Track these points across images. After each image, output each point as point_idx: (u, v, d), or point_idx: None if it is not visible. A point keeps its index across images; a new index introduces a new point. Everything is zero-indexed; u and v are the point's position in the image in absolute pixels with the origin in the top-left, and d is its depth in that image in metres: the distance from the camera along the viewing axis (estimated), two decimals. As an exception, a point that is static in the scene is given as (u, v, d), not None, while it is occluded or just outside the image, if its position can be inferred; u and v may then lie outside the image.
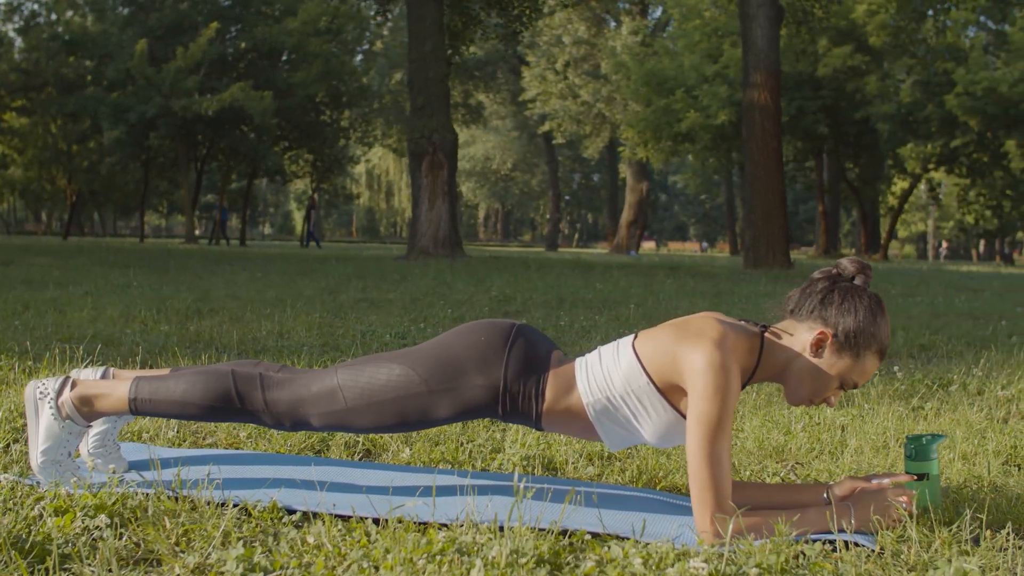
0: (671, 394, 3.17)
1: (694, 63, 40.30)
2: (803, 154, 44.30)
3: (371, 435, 4.25)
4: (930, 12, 39.79)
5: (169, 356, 6.35)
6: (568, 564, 2.69)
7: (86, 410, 3.38)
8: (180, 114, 38.27)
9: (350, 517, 3.07)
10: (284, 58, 43.75)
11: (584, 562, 2.67)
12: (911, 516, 3.12)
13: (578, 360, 3.36)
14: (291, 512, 3.10)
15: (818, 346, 3.19)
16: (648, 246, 75.66)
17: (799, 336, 3.23)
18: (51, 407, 3.35)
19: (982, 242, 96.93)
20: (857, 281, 3.27)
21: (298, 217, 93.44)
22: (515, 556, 2.63)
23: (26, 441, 3.93)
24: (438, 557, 2.64)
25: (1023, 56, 36.80)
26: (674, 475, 3.91)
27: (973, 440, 4.52)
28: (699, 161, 44.73)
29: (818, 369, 3.20)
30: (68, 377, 3.44)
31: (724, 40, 40.41)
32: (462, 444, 4.20)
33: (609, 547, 2.79)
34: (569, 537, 2.90)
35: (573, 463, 4.00)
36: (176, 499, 3.08)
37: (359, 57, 52.36)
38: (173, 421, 4.40)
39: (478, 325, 3.41)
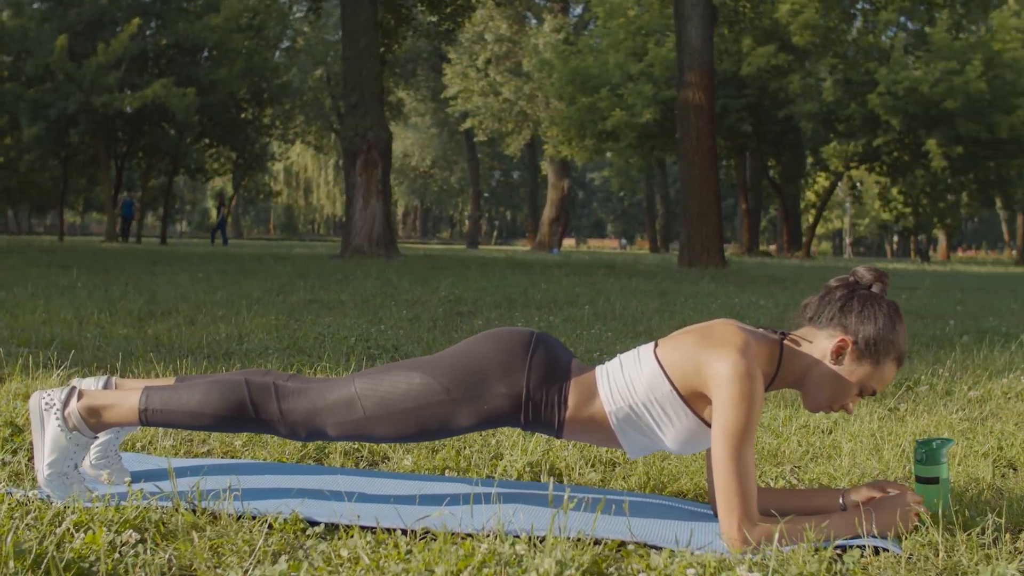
0: (694, 402, 3.18)
1: (619, 61, 40.43)
2: (727, 152, 44.57)
3: (374, 444, 4.21)
4: (856, 13, 40.20)
5: (137, 361, 6.26)
6: (610, 574, 2.68)
7: (93, 421, 3.30)
8: (101, 111, 37.79)
9: (374, 528, 3.03)
10: (205, 55, 43.34)
11: (630, 574, 2.68)
12: (934, 520, 3.17)
13: (598, 368, 3.35)
14: (313, 524, 3.06)
15: (838, 353, 3.22)
16: (568, 243, 75.89)
17: (819, 343, 3.26)
18: (57, 418, 3.27)
19: (896, 239, 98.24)
20: (875, 289, 3.30)
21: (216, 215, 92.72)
22: (561, 567, 2.63)
23: (20, 451, 3.86)
24: (484, 569, 2.62)
25: (944, 57, 37.33)
26: (679, 480, 3.92)
27: (960, 442, 4.58)
28: (623, 159, 44.88)
29: (838, 376, 3.23)
30: (74, 387, 3.37)
31: (649, 39, 40.61)
32: (458, 451, 4.16)
33: (650, 556, 2.80)
34: (603, 547, 2.89)
35: (577, 469, 4.00)
36: (194, 512, 3.03)
37: (278, 54, 51.97)
38: (168, 431, 4.34)
39: (498, 333, 3.40)
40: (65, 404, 3.29)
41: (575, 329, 8.90)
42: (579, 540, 2.87)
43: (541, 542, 2.86)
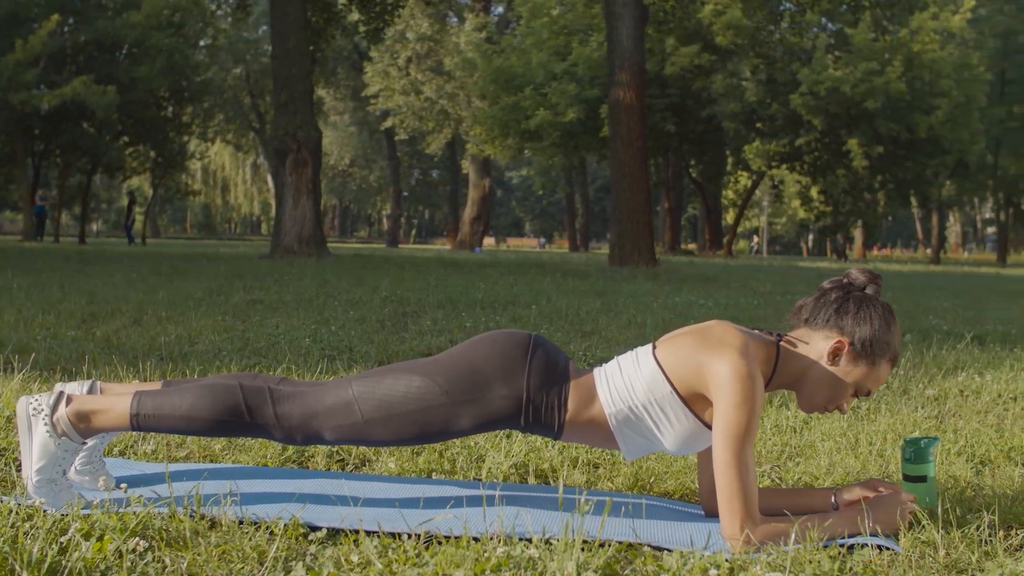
0: (694, 403, 3.21)
1: (542, 61, 40.48)
2: (651, 151, 44.79)
3: (356, 447, 4.18)
4: (782, 13, 40.55)
5: (93, 363, 6.19)
6: (625, 576, 2.66)
7: (83, 426, 3.26)
8: (18, 108, 37.26)
9: (376, 532, 3.00)
10: (125, 52, 42.86)
11: (646, 575, 2.69)
12: (930, 518, 3.21)
13: (596, 370, 3.37)
14: (314, 529, 3.02)
15: (835, 354, 3.26)
16: (488, 242, 75.95)
17: (815, 345, 3.29)
18: (46, 424, 3.22)
19: (811, 237, 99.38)
20: (869, 291, 3.34)
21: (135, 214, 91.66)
22: (580, 570, 2.64)
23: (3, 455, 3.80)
24: (503, 572, 2.62)
25: (864, 57, 37.74)
26: (664, 481, 3.94)
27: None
28: (546, 158, 44.97)
29: (835, 377, 3.27)
30: (62, 392, 3.31)
31: (573, 38, 40.70)
32: (441, 453, 4.16)
33: (661, 558, 2.81)
34: (611, 549, 2.85)
35: (564, 471, 4.01)
36: (192, 517, 2.99)
37: (196, 51, 51.54)
38: (146, 436, 4.30)
39: (496, 335, 3.40)
40: (53, 409, 3.24)
41: (523, 329, 8.89)
42: (585, 542, 2.87)
43: (547, 544, 2.86)
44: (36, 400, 3.27)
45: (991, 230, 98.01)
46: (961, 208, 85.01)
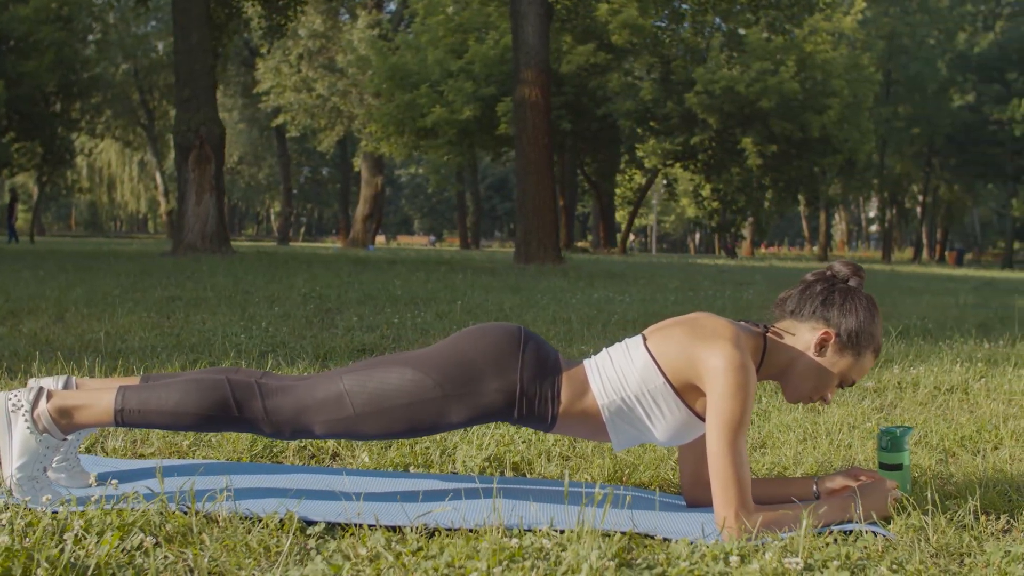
0: (686, 394, 3.24)
1: (438, 58, 40.43)
2: (550, 149, 44.90)
3: (320, 441, 4.17)
4: (684, 13, 40.89)
5: (29, 360, 6.09)
6: (639, 565, 2.70)
7: (65, 422, 3.20)
8: (-97, 103, 36.61)
9: (373, 525, 3.00)
10: (11, 45, 42.14)
11: (658, 563, 2.71)
12: (915, 505, 3.29)
13: (587, 362, 3.39)
14: (309, 523, 3.01)
15: (821, 345, 3.31)
16: (379, 240, 75.65)
17: (801, 336, 3.34)
18: (26, 420, 3.17)
19: (698, 235, 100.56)
20: (852, 283, 3.40)
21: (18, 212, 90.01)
22: (599, 557, 2.65)
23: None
24: (524, 560, 2.63)
25: (759, 57, 38.24)
26: (638, 470, 3.98)
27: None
28: (441, 156, 44.92)
29: (821, 367, 3.32)
30: (42, 388, 3.24)
31: (469, 35, 40.69)
32: (411, 447, 4.15)
33: (668, 547, 2.84)
34: (621, 538, 2.89)
35: (540, 463, 4.03)
36: (186, 513, 2.96)
37: (85, 46, 50.79)
38: (115, 430, 4.26)
39: (487, 328, 3.40)
40: (34, 405, 3.18)
41: (449, 325, 8.90)
42: (588, 532, 2.85)
43: (560, 534, 2.90)
44: (15, 396, 3.20)
45: (875, 228, 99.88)
46: (847, 206, 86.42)
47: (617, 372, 3.29)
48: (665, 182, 54.02)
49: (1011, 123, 52.39)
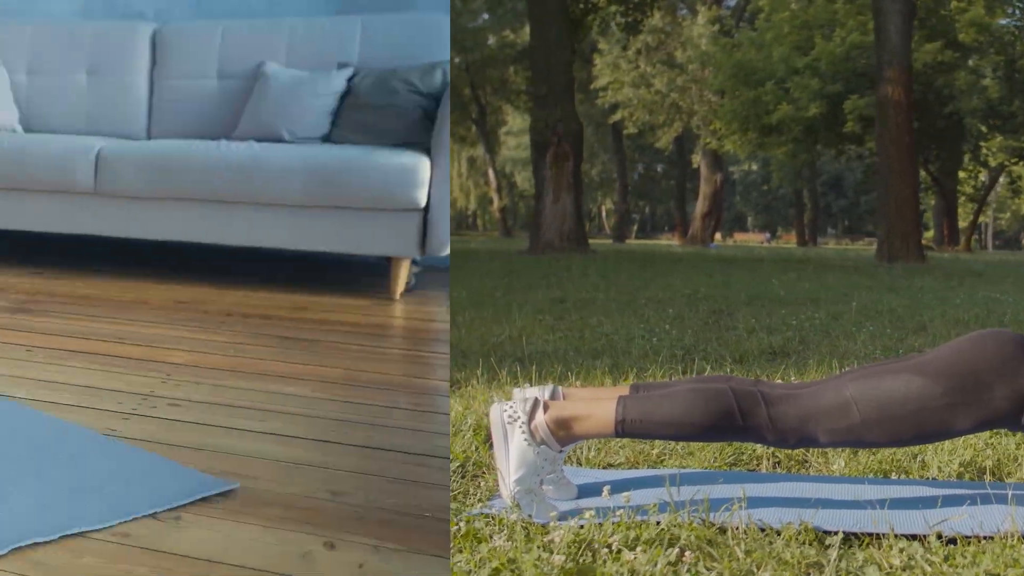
0: None
1: (783, 55, 39.86)
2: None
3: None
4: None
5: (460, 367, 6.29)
6: None
7: (562, 434, 3.26)
8: None
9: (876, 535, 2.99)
10: None
11: None
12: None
13: None
14: (826, 533, 2.95)
15: None
16: (716, 237, 75.19)
17: None
18: (523, 432, 3.24)
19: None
20: None
21: None
22: None
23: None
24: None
25: None
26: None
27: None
28: (788, 154, 44.21)
29: None
30: (537, 399, 3.30)
31: (815, 32, 39.87)
32: (872, 453, 4.00)
33: None
34: None
35: (1009, 466, 3.92)
36: (703, 524, 2.96)
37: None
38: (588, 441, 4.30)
39: (986, 335, 3.34)
40: (531, 417, 3.25)
41: (845, 326, 8.79)
42: None
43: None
44: (511, 407, 3.28)
45: None
46: None
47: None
48: (1008, 180, 52.01)
49: None
